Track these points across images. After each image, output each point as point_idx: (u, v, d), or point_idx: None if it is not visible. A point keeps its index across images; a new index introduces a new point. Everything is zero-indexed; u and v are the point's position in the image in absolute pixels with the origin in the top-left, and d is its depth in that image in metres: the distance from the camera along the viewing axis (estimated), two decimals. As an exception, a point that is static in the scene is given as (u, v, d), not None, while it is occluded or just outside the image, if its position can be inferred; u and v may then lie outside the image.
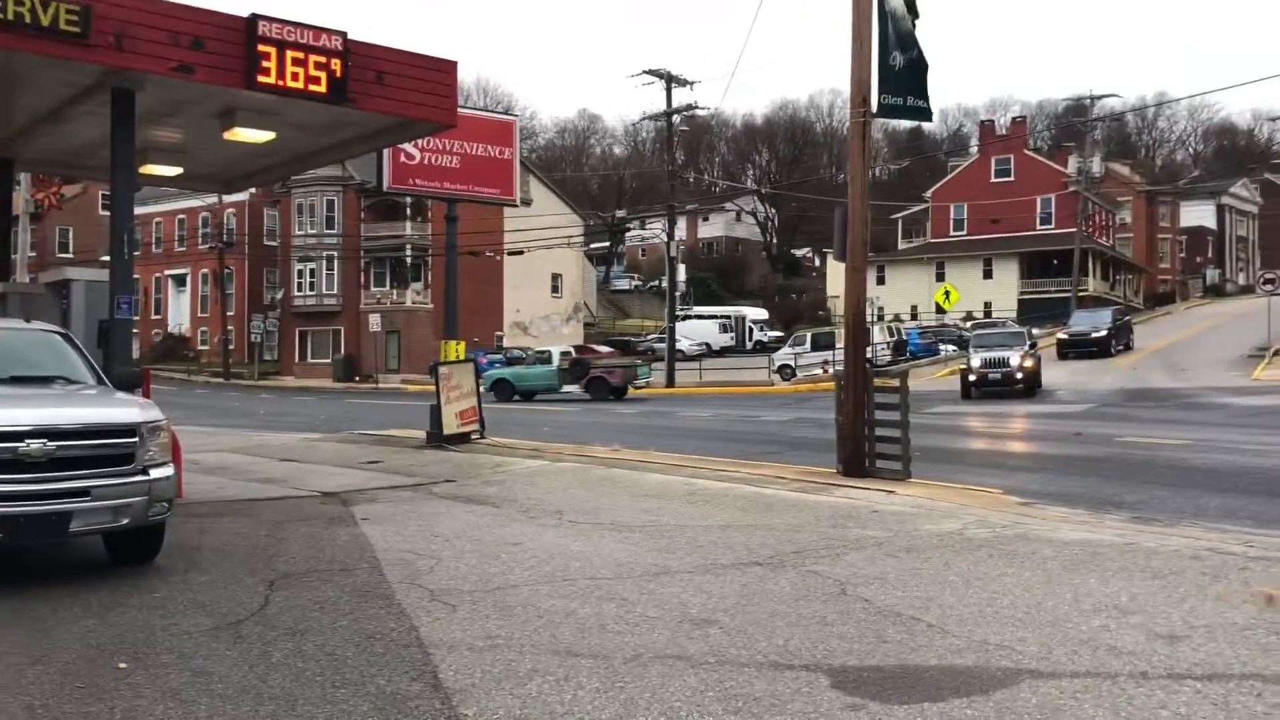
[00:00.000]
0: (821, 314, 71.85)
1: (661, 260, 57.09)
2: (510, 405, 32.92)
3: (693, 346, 58.16)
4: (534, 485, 12.03)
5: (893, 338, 45.85)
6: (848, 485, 11.35)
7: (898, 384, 12.35)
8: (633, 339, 62.28)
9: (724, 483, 11.70)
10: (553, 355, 37.38)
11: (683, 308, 59.56)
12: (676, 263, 44.76)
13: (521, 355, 41.88)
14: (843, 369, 12.83)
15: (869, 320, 15.14)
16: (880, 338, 41.75)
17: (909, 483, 11.48)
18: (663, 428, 22.75)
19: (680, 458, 14.64)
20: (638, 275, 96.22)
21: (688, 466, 13.46)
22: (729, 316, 69.20)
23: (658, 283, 76.33)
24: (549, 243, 52.55)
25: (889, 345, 43.59)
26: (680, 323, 52.06)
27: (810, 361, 42.37)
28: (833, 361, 36.51)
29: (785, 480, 11.91)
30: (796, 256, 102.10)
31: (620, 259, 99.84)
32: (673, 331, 44.70)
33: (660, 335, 53.70)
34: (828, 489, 11.17)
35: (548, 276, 62.30)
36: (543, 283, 62.05)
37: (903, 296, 67.34)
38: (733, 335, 67.00)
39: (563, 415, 27.92)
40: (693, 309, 69.60)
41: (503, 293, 59.41)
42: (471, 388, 17.43)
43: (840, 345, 17.62)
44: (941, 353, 46.24)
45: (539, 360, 37.76)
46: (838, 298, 53.92)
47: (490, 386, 32.55)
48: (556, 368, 36.22)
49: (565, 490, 11.54)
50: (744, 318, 69.31)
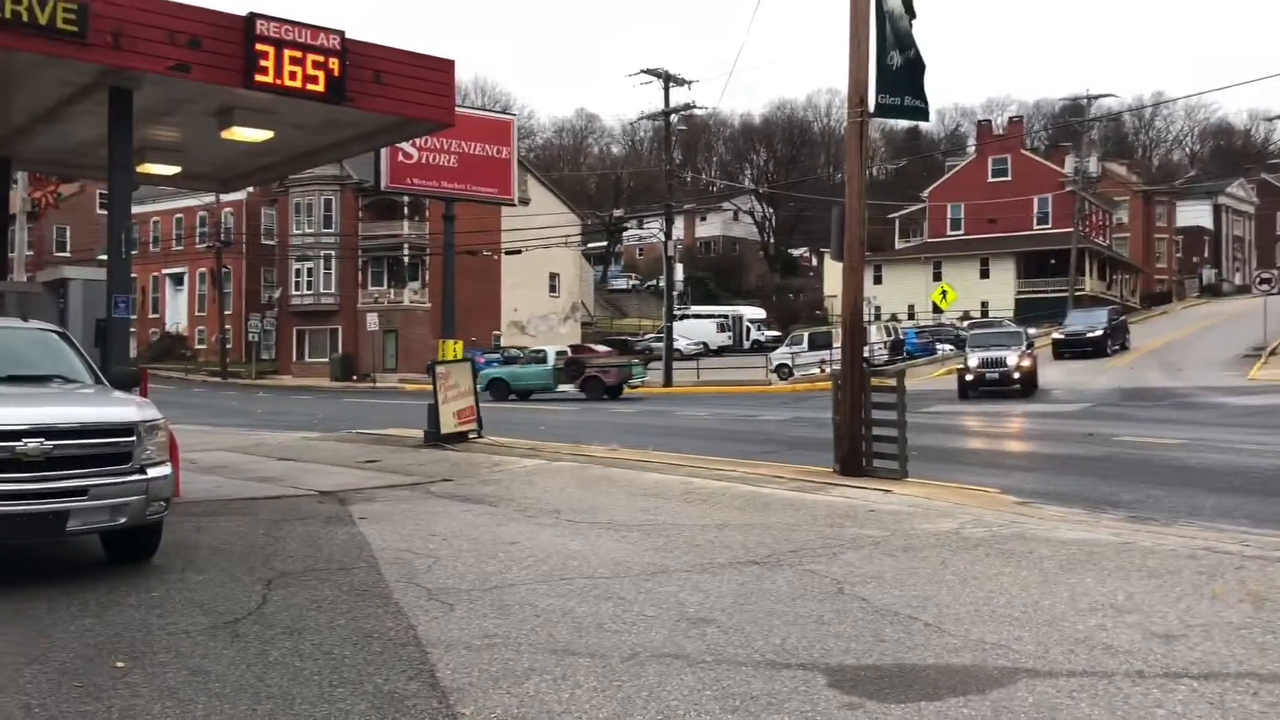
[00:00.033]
0: (819, 313, 71.86)
1: (659, 260, 57.14)
2: (507, 405, 32.92)
3: (690, 346, 58.21)
4: (531, 484, 12.03)
5: (890, 337, 45.89)
6: (845, 484, 11.35)
7: (895, 383, 12.38)
8: (630, 338, 62.31)
9: (721, 482, 11.70)
10: (548, 355, 37.35)
11: (680, 307, 59.56)
12: (674, 262, 44.78)
13: (519, 355, 41.88)
14: (840, 368, 12.83)
15: (866, 320, 15.15)
16: (877, 337, 41.84)
17: (906, 482, 11.49)
18: (660, 427, 22.75)
19: (678, 457, 14.64)
20: (635, 275, 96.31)
21: (685, 466, 13.47)
22: (726, 316, 69.30)
23: (655, 282, 76.42)
24: (547, 242, 52.58)
25: (886, 345, 43.62)
26: (678, 322, 52.11)
27: (807, 361, 42.41)
28: (830, 361, 36.52)
29: (782, 479, 11.92)
30: (794, 256, 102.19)
31: (618, 258, 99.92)
32: (670, 331, 44.75)
33: (658, 335, 53.74)
34: (825, 488, 11.19)
35: (545, 276, 62.30)
36: (540, 282, 62.05)
37: (900, 296, 67.38)
38: (730, 335, 67.08)
39: (560, 415, 27.92)
40: (690, 308, 69.64)
41: (500, 292, 59.40)
42: (469, 387, 17.43)
43: (837, 345, 17.59)
44: (938, 352, 46.30)
45: (534, 360, 37.72)
46: (835, 297, 53.89)
47: (486, 386, 32.54)
48: (552, 367, 36.19)
49: (563, 489, 11.55)
50: (741, 317, 69.39)
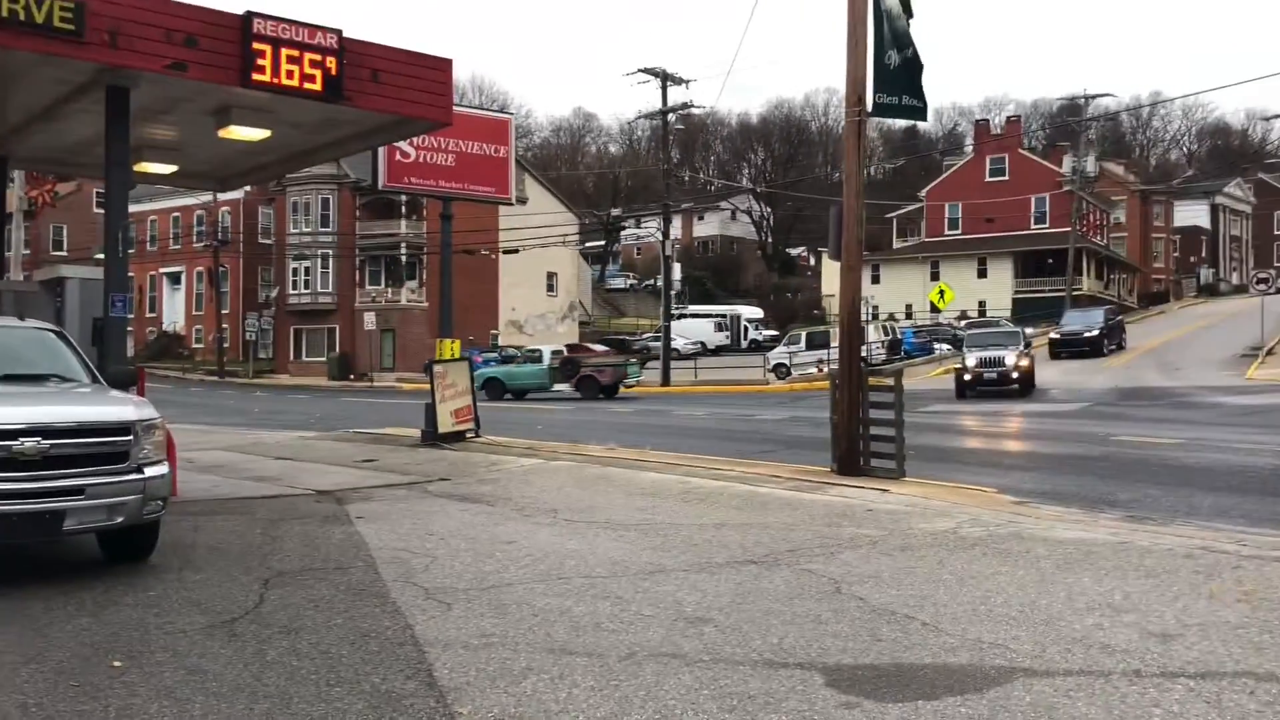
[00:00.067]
0: (816, 313, 71.90)
1: (656, 259, 57.19)
2: (502, 404, 32.90)
3: (688, 345, 58.25)
4: (529, 484, 12.02)
5: (887, 337, 45.93)
6: (842, 484, 11.35)
7: (892, 383, 12.38)
8: (628, 338, 62.32)
9: (719, 481, 11.70)
10: (544, 354, 37.37)
11: (678, 306, 59.58)
12: (672, 261, 44.80)
13: (516, 354, 41.90)
14: (837, 368, 12.84)
15: (864, 319, 15.17)
16: (875, 337, 41.88)
17: (903, 481, 11.50)
18: (658, 426, 22.75)
19: (675, 456, 14.64)
20: (633, 274, 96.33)
21: (683, 465, 13.46)
22: (724, 315, 69.35)
23: (653, 281, 76.47)
24: (544, 241, 52.60)
25: (884, 344, 43.65)
26: (675, 321, 52.12)
27: (805, 360, 42.41)
28: (827, 360, 36.54)
29: (780, 479, 11.92)
30: (792, 255, 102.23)
31: (615, 258, 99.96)
32: (668, 330, 44.75)
33: (655, 334, 53.75)
34: (822, 488, 11.19)
35: (543, 275, 62.30)
36: (538, 281, 62.04)
37: (897, 295, 67.44)
38: (728, 334, 67.13)
39: (557, 414, 27.91)
40: (688, 308, 69.68)
41: (498, 291, 59.37)
42: (466, 386, 17.43)
43: (835, 344, 17.62)
44: (936, 352, 46.33)
45: (530, 359, 37.75)
46: (833, 296, 54.04)
47: (482, 385, 32.52)
48: (547, 366, 36.22)
49: (560, 489, 11.54)
50: (739, 316, 69.43)
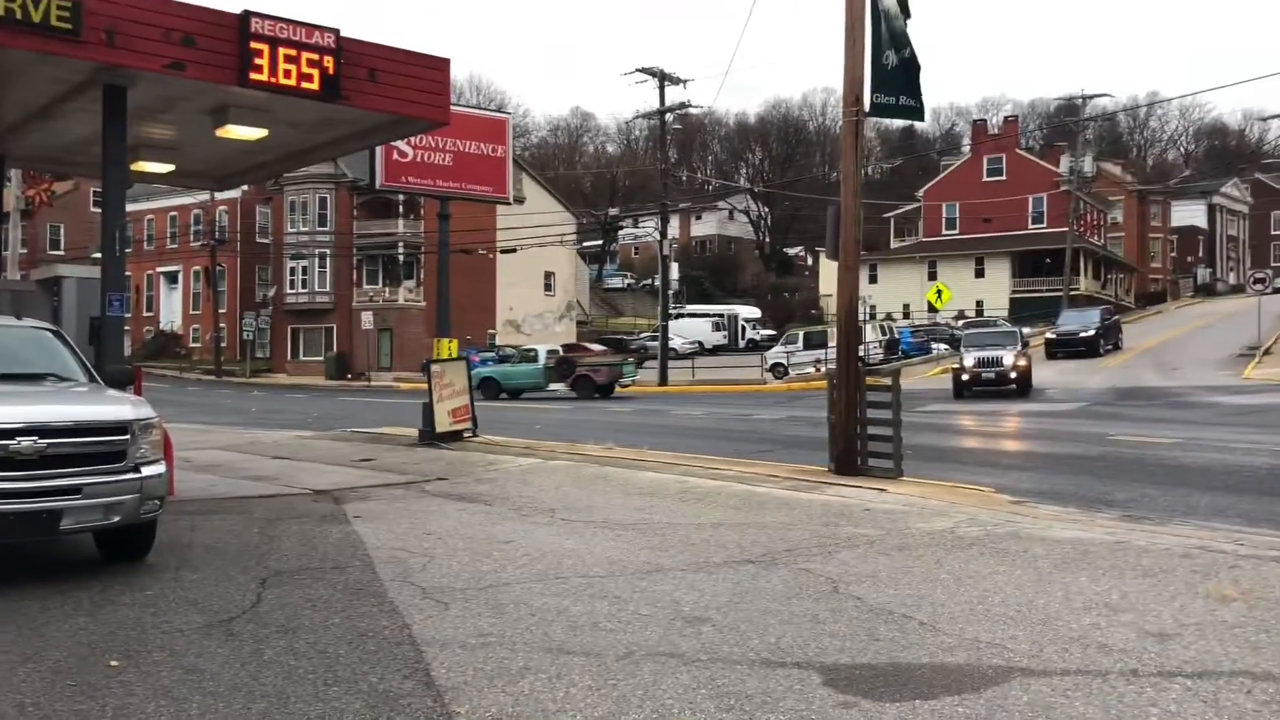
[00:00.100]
0: (814, 312, 71.97)
1: (654, 258, 57.20)
2: (498, 403, 32.89)
3: (686, 345, 58.24)
4: (526, 483, 12.02)
5: (885, 336, 45.95)
6: (840, 484, 11.36)
7: (890, 383, 12.38)
8: (626, 337, 62.30)
9: (716, 481, 11.71)
10: (539, 354, 37.41)
11: (676, 306, 59.62)
12: (669, 261, 44.82)
13: (512, 353, 41.91)
14: (835, 367, 12.84)
15: (861, 319, 15.17)
16: (872, 336, 41.88)
17: (901, 481, 11.50)
18: (655, 426, 22.75)
19: (673, 456, 14.64)
20: (631, 273, 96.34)
21: (680, 465, 13.47)
22: (722, 315, 69.36)
23: (651, 281, 76.49)
24: (542, 241, 52.59)
25: (881, 344, 43.67)
26: (673, 321, 52.13)
27: (803, 360, 42.42)
28: (825, 360, 36.56)
29: (777, 478, 11.93)
30: (789, 255, 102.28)
31: (613, 257, 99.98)
32: (665, 330, 44.74)
33: (653, 333, 53.76)
34: (820, 487, 11.19)
35: (541, 274, 62.27)
36: (536, 281, 62.01)
37: (895, 295, 67.48)
38: (725, 334, 67.14)
39: (555, 413, 27.91)
40: (686, 307, 69.73)
41: (496, 291, 59.33)
42: (464, 385, 17.44)
43: (832, 344, 17.63)
44: (933, 351, 46.35)
45: (525, 359, 37.80)
46: (830, 296, 53.96)
47: (477, 385, 32.46)
48: (543, 366, 36.26)
49: (558, 488, 11.54)
50: (737, 316, 69.44)
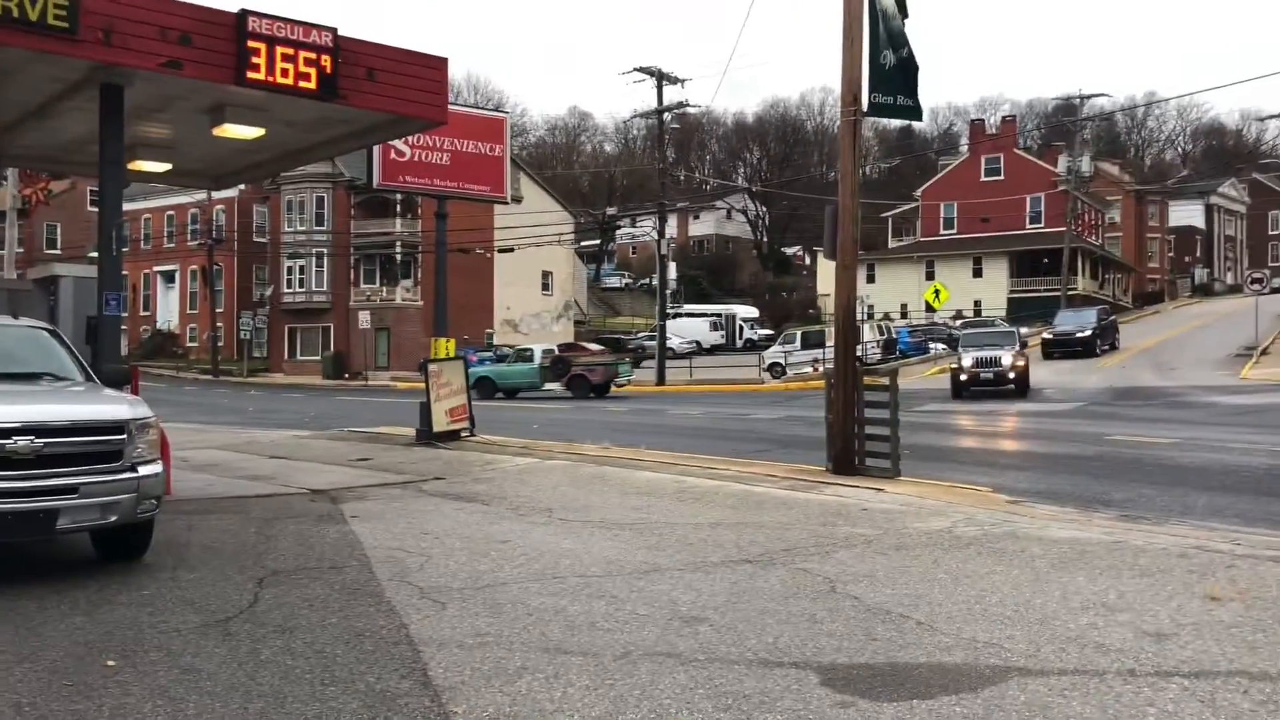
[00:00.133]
0: (812, 312, 72.00)
1: (652, 258, 57.21)
2: (496, 403, 32.88)
3: (683, 344, 58.25)
4: (524, 483, 12.02)
5: (883, 336, 45.96)
6: (837, 483, 11.36)
7: (887, 382, 12.39)
8: (624, 337, 62.30)
9: (714, 480, 11.71)
10: (535, 353, 37.47)
11: (673, 305, 59.60)
12: (667, 260, 44.86)
13: (509, 352, 41.93)
14: (833, 367, 12.84)
15: (859, 318, 15.18)
16: (870, 336, 41.89)
17: (898, 481, 11.51)
18: (653, 425, 22.75)
19: (670, 455, 14.64)
20: (628, 273, 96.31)
21: (678, 464, 13.46)
22: (719, 314, 69.37)
23: (648, 280, 76.41)
24: (540, 240, 52.54)
25: (879, 343, 43.69)
26: (671, 320, 52.13)
27: (800, 360, 42.44)
28: (823, 360, 36.59)
29: (775, 478, 11.93)
30: (787, 254, 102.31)
31: (611, 257, 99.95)
32: (663, 329, 44.74)
33: (651, 333, 53.74)
34: (817, 487, 11.19)
35: (538, 274, 62.26)
36: (533, 280, 62.00)
37: (893, 295, 67.47)
38: (723, 333, 67.14)
39: (552, 413, 27.90)
40: (683, 307, 69.74)
41: (493, 290, 59.30)
42: (461, 385, 17.44)
43: (830, 343, 17.65)
44: (931, 351, 46.38)
45: (521, 358, 37.86)
46: (828, 296, 53.97)
47: (473, 384, 32.45)
48: (538, 366, 36.31)
49: (555, 488, 11.54)
50: (734, 316, 69.45)
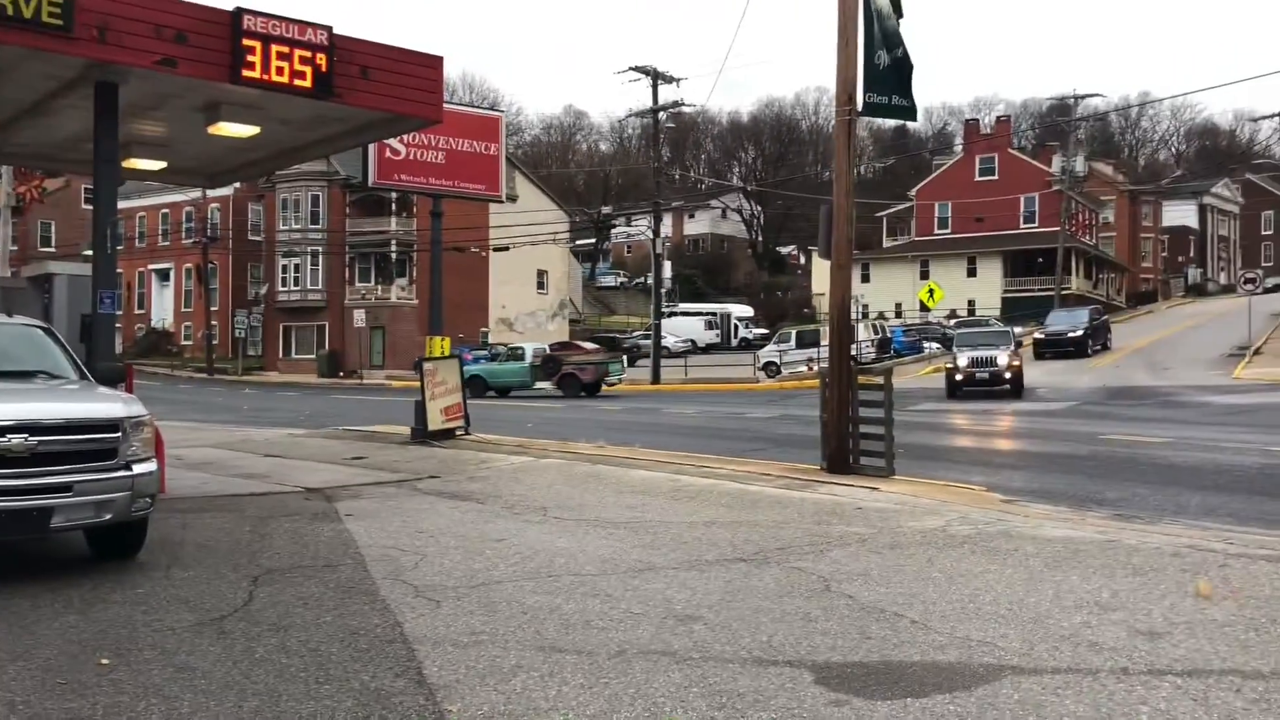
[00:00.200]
0: (806, 311, 72.01)
1: (647, 257, 57.16)
2: (490, 402, 32.85)
3: (678, 343, 58.24)
4: (519, 481, 12.02)
5: (877, 335, 45.94)
6: (832, 482, 11.38)
7: (882, 381, 12.41)
8: (618, 335, 62.31)
9: (709, 479, 11.72)
10: (526, 352, 37.51)
11: (668, 304, 59.60)
12: (662, 259, 44.85)
13: (501, 351, 41.96)
14: (827, 366, 12.86)
15: (854, 318, 15.19)
16: (865, 335, 41.89)
17: (893, 480, 11.53)
18: (648, 424, 22.76)
19: (665, 454, 14.65)
20: (623, 272, 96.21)
21: (673, 463, 13.47)
22: (714, 313, 69.36)
23: (643, 279, 76.42)
24: (535, 239, 52.50)
25: (873, 343, 43.69)
26: (666, 319, 52.13)
27: (795, 359, 42.47)
28: (817, 359, 36.59)
29: (770, 477, 11.94)
30: (782, 254, 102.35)
31: (606, 255, 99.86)
32: (658, 328, 44.76)
33: (646, 332, 53.74)
34: (812, 486, 11.21)
35: (533, 273, 62.23)
36: (528, 279, 61.97)
37: (887, 294, 67.53)
38: (718, 332, 67.17)
39: (546, 412, 27.90)
40: (678, 306, 69.71)
41: (488, 289, 59.28)
42: (457, 384, 17.43)
43: (825, 343, 17.69)
44: (925, 350, 46.42)
45: (512, 357, 37.93)
46: (823, 295, 54.12)
47: (464, 383, 32.58)
48: (530, 364, 36.35)
49: (550, 486, 11.54)
50: (729, 315, 69.47)
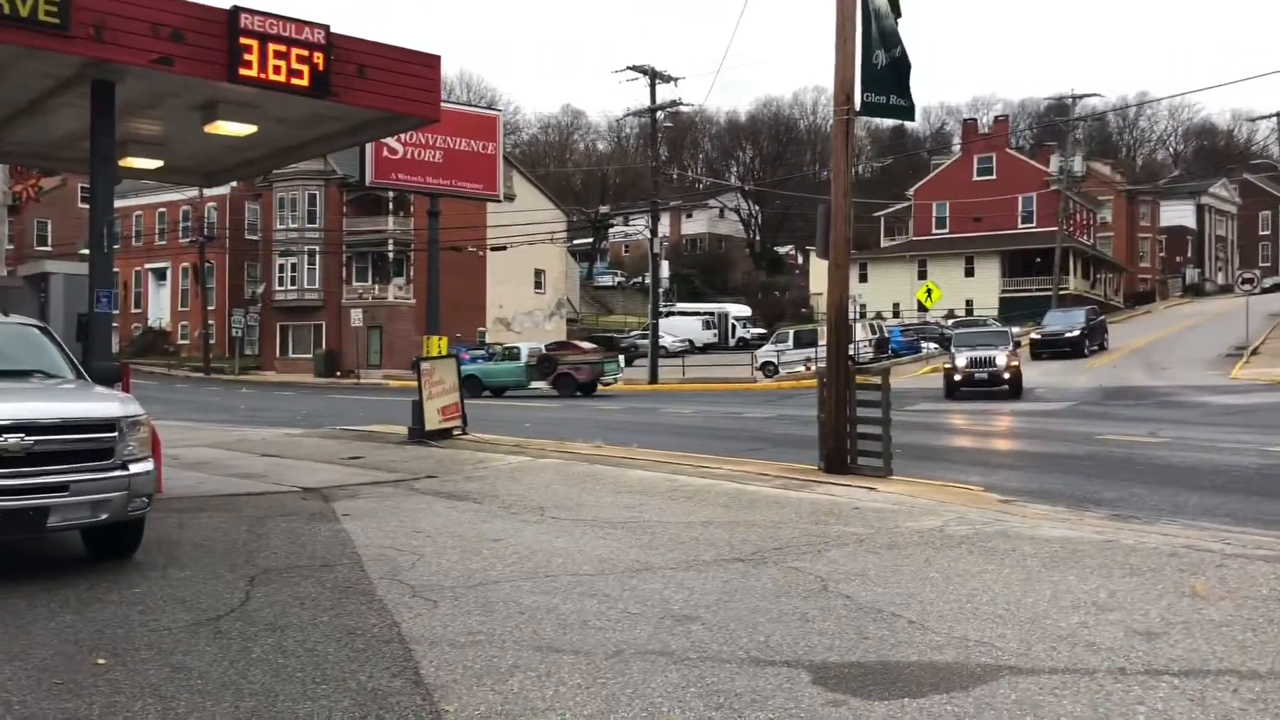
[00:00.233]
0: (804, 311, 72.03)
1: (645, 256, 57.13)
2: (486, 401, 32.83)
3: (676, 343, 58.27)
4: (516, 481, 12.01)
5: (875, 335, 45.99)
6: (830, 482, 11.38)
7: (879, 381, 12.41)
8: (616, 335, 62.33)
9: (706, 479, 11.72)
10: (521, 351, 37.52)
11: (666, 304, 59.57)
12: (660, 259, 44.80)
13: (497, 350, 41.97)
14: (825, 366, 12.86)
15: (851, 317, 15.19)
16: (862, 335, 41.89)
17: (890, 480, 11.53)
18: (645, 424, 22.75)
19: (663, 454, 14.65)
20: (621, 271, 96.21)
21: (670, 463, 13.47)
22: (712, 313, 69.36)
23: (641, 279, 76.37)
24: (532, 238, 52.47)
25: (871, 343, 43.72)
26: (663, 319, 52.12)
27: (793, 359, 42.49)
28: (815, 359, 36.62)
29: (767, 477, 11.94)
30: (779, 253, 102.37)
31: (603, 255, 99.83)
32: (656, 328, 44.76)
33: (643, 331, 53.75)
34: (810, 486, 11.21)
35: (531, 272, 62.19)
36: (526, 278, 61.94)
37: (885, 294, 67.56)
38: (716, 332, 67.17)
39: (543, 411, 27.89)
40: (676, 305, 69.71)
41: (486, 288, 59.25)
42: (454, 383, 17.41)
43: (823, 342, 17.70)
44: (923, 350, 46.44)
45: (508, 356, 37.92)
46: (820, 295, 54.06)
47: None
48: (525, 364, 36.36)
49: (547, 486, 11.54)
50: (727, 314, 69.47)
